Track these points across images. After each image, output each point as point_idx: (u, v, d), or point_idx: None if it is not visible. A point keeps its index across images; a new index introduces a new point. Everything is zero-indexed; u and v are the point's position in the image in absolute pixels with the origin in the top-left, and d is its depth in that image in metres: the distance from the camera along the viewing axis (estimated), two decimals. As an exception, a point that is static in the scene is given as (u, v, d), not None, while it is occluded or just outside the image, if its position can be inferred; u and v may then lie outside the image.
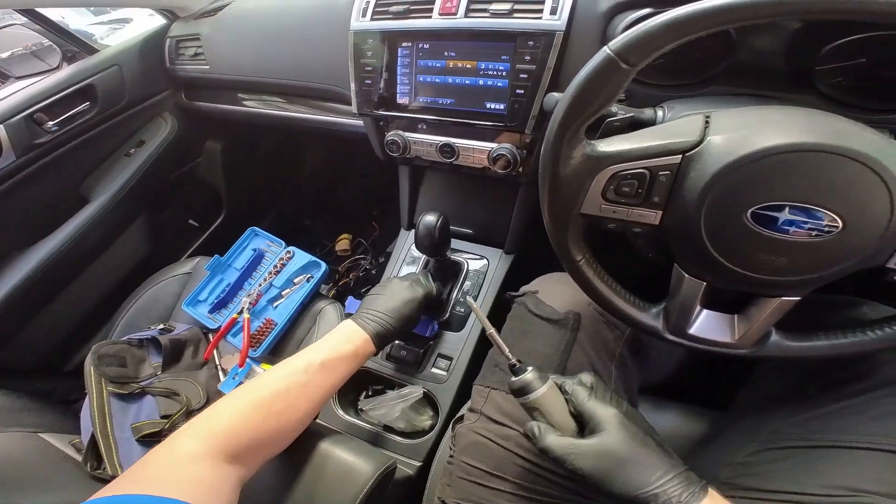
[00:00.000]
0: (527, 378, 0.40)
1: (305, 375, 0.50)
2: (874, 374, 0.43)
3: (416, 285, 0.66)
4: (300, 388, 0.49)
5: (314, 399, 0.50)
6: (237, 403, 0.46)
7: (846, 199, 0.33)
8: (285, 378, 0.49)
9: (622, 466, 0.36)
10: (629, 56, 0.33)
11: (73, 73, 0.95)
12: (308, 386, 0.50)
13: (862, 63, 0.42)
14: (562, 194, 0.40)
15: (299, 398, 0.49)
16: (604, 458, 0.36)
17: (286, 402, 0.48)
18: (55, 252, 0.94)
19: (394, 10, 0.65)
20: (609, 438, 0.37)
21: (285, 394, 0.48)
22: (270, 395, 0.47)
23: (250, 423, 0.45)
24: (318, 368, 0.51)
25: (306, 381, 0.50)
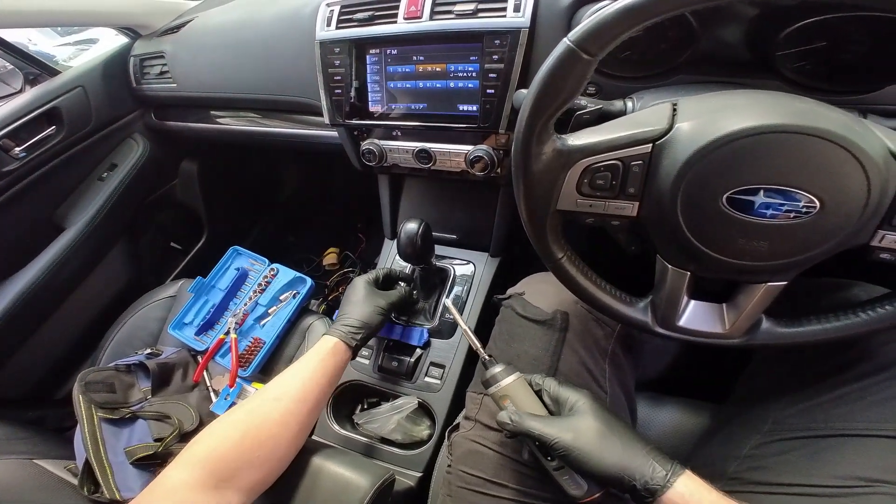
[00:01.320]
0: (495, 370, 0.43)
1: (284, 400, 0.49)
2: (872, 357, 0.43)
3: (374, 287, 0.67)
4: (282, 412, 0.48)
5: (301, 416, 0.49)
6: (221, 429, 0.45)
7: (821, 178, 0.33)
8: (267, 402, 0.49)
9: (600, 442, 0.37)
10: (589, 46, 0.33)
11: (36, 96, 0.92)
12: (290, 410, 0.49)
13: (822, 46, 0.42)
14: (536, 192, 0.40)
15: (285, 419, 0.48)
16: (582, 434, 0.38)
17: (271, 426, 0.47)
18: (34, 283, 0.92)
19: (358, 18, 0.64)
20: (586, 416, 0.39)
21: (267, 419, 0.47)
22: (255, 421, 0.47)
23: (236, 447, 0.44)
24: (300, 387, 0.51)
25: (285, 406, 0.49)
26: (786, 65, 0.44)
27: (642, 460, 0.37)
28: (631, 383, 0.55)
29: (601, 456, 0.37)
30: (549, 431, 0.38)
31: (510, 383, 0.42)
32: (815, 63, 0.43)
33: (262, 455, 0.45)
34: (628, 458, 0.37)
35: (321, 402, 0.53)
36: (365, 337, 0.60)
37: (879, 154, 0.32)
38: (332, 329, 0.59)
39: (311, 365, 0.53)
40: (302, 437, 0.50)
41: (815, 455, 0.41)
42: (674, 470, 0.36)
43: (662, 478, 0.36)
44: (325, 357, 0.55)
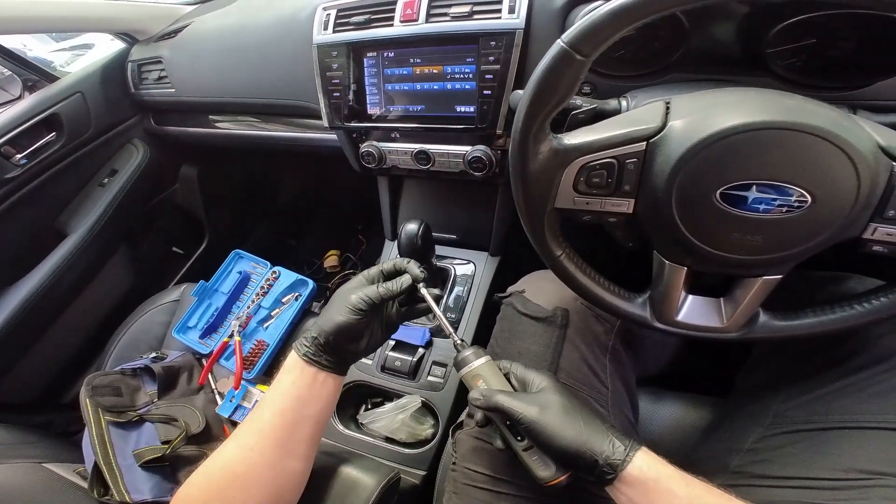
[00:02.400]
0: (466, 353, 0.44)
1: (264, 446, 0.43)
2: (871, 349, 0.43)
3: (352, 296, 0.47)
4: (265, 463, 0.42)
5: (298, 442, 0.44)
6: (198, 478, 0.42)
7: (811, 173, 0.33)
8: (248, 451, 0.43)
9: (563, 417, 0.38)
10: (582, 47, 0.34)
11: (35, 102, 0.93)
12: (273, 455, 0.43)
13: (812, 43, 0.43)
14: (534, 190, 0.40)
15: (254, 472, 0.42)
16: (546, 409, 0.38)
17: (243, 461, 0.42)
18: (37, 289, 0.93)
19: (355, 21, 0.64)
20: (550, 393, 0.40)
21: (249, 469, 0.42)
22: (226, 462, 0.43)
23: (214, 493, 0.41)
24: (278, 414, 0.44)
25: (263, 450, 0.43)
26: (776, 62, 0.45)
27: (602, 436, 0.37)
28: (632, 378, 0.55)
29: (564, 431, 0.37)
30: (516, 405, 0.39)
31: (481, 364, 0.43)
32: (806, 60, 0.44)
33: (237, 496, 0.41)
34: (588, 433, 0.37)
35: (293, 423, 0.44)
36: (329, 341, 0.44)
37: (868, 149, 0.33)
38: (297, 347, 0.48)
39: (269, 390, 0.46)
40: (285, 468, 0.44)
41: (817, 448, 0.41)
42: (632, 445, 0.37)
43: (622, 452, 0.36)
44: (281, 377, 0.45)
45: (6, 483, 0.60)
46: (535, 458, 0.40)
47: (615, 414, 0.50)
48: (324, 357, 0.45)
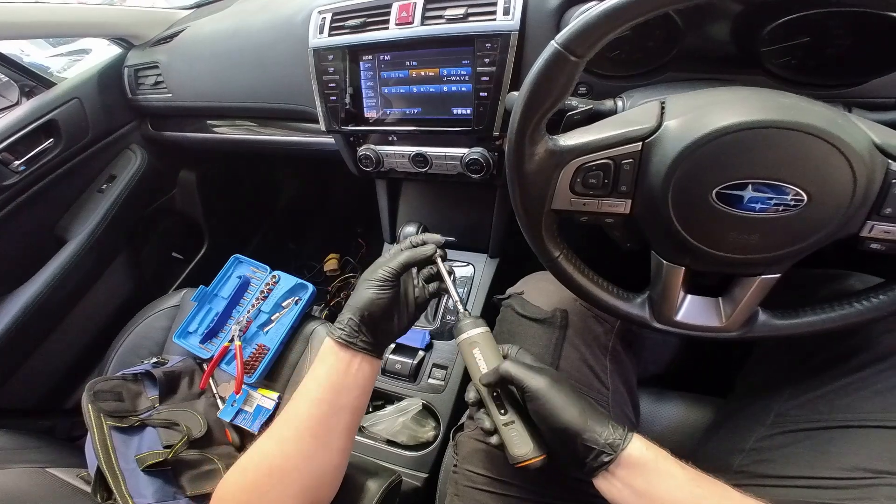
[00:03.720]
0: (467, 320, 0.45)
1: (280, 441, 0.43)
2: (872, 347, 0.43)
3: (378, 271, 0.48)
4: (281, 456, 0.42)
5: (335, 432, 0.43)
6: (235, 473, 0.41)
7: (807, 172, 0.33)
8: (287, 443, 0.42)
9: (568, 395, 0.38)
10: (575, 48, 0.34)
11: (33, 108, 0.93)
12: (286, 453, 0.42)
13: (806, 42, 0.43)
14: (530, 192, 0.40)
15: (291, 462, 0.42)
16: (553, 385, 0.39)
17: (279, 454, 0.42)
18: (38, 296, 0.93)
19: (350, 25, 0.64)
20: (554, 374, 0.40)
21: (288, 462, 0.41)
22: (262, 455, 0.42)
23: (250, 487, 0.40)
24: (315, 403, 0.43)
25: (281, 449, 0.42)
26: (771, 60, 0.45)
27: (603, 418, 0.38)
28: (633, 379, 0.55)
29: (569, 408, 0.37)
30: (525, 374, 0.39)
31: (479, 334, 0.44)
32: (800, 58, 0.44)
33: (271, 491, 0.40)
34: (590, 414, 0.38)
35: (328, 414, 0.43)
36: (364, 319, 0.44)
37: (864, 147, 0.33)
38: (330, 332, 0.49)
39: (306, 380, 0.45)
40: (321, 460, 0.43)
41: (820, 447, 0.41)
42: (628, 429, 0.38)
43: (622, 433, 0.37)
44: (316, 365, 0.45)
45: (10, 487, 0.60)
46: (514, 434, 0.40)
47: (616, 414, 0.50)
48: (359, 338, 0.44)
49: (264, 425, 0.78)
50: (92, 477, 0.66)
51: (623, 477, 0.36)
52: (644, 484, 0.36)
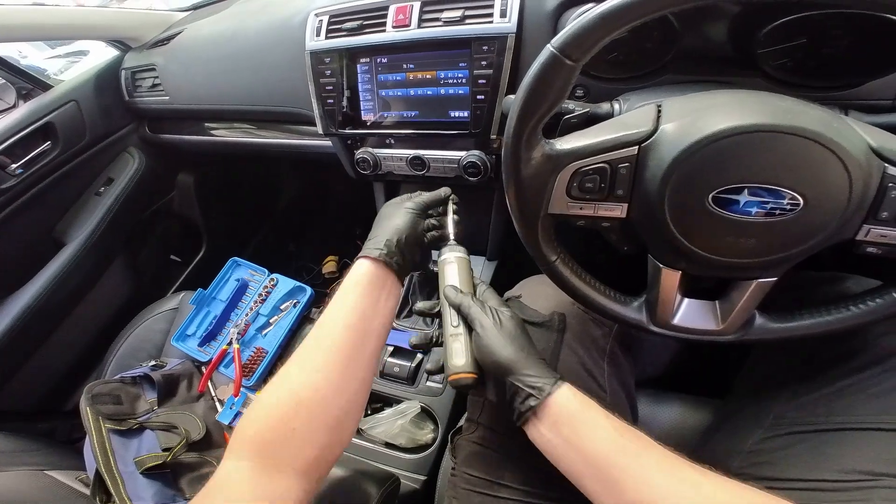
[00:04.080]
0: (451, 243, 0.49)
1: (339, 340, 0.42)
2: (869, 349, 0.43)
3: (404, 201, 0.54)
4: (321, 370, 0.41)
5: (344, 369, 0.42)
6: (260, 407, 0.40)
7: (803, 176, 0.33)
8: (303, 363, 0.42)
9: (513, 333, 0.40)
10: (571, 52, 0.34)
11: (30, 111, 0.93)
12: (343, 350, 0.41)
13: (803, 43, 0.43)
14: (527, 196, 0.40)
15: (328, 377, 0.41)
16: (502, 326, 0.41)
17: (311, 391, 0.40)
18: (36, 299, 0.93)
19: (347, 27, 0.64)
20: (508, 315, 0.42)
21: (306, 383, 0.40)
22: (292, 389, 0.40)
23: (278, 424, 0.38)
24: (345, 329, 0.43)
25: (340, 346, 0.42)
26: (768, 62, 0.45)
27: (539, 364, 0.39)
28: (631, 381, 0.55)
29: (506, 346, 0.39)
30: (476, 311, 0.42)
31: (456, 257, 0.47)
32: (797, 59, 0.44)
33: (299, 427, 0.38)
34: (528, 357, 0.39)
35: (359, 342, 0.43)
36: (398, 244, 0.47)
37: (860, 150, 0.33)
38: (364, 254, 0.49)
39: (332, 307, 0.45)
40: (349, 393, 0.42)
41: (819, 449, 0.41)
42: (559, 377, 0.38)
43: (552, 378, 0.38)
44: (346, 291, 0.45)
45: (9, 490, 0.60)
46: (457, 346, 0.42)
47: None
48: (395, 259, 0.46)
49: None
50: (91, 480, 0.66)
51: (551, 426, 0.37)
52: (571, 433, 0.36)
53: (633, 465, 0.34)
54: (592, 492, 0.36)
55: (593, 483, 0.36)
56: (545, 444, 0.38)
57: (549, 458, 0.38)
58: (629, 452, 0.35)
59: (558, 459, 0.38)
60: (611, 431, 0.36)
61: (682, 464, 0.34)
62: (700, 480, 0.33)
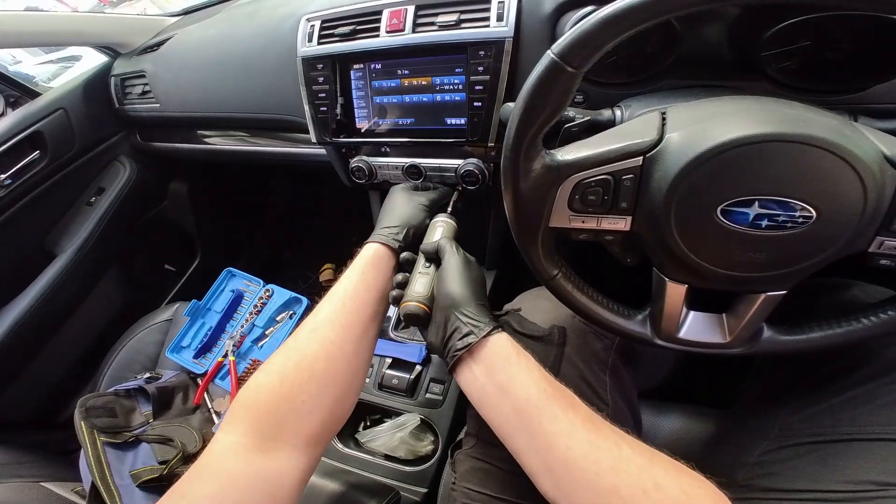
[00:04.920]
0: (443, 214, 0.55)
1: (321, 329, 0.43)
2: (876, 359, 0.42)
3: (412, 191, 0.62)
4: (323, 343, 0.41)
5: (348, 343, 0.43)
6: (258, 379, 0.39)
7: (816, 187, 0.32)
8: (304, 337, 0.42)
9: (469, 285, 0.42)
10: (572, 58, 0.32)
11: (17, 120, 0.91)
12: (330, 339, 0.42)
13: (807, 46, 0.41)
14: (526, 209, 0.39)
15: (328, 351, 0.41)
16: (464, 271, 0.44)
17: (311, 362, 0.40)
18: (28, 311, 0.91)
19: (340, 33, 0.63)
20: (475, 267, 0.45)
21: (306, 355, 0.40)
22: (292, 361, 0.40)
23: (275, 396, 0.38)
24: (340, 309, 0.44)
25: (323, 335, 0.42)
26: (771, 65, 0.43)
27: (485, 309, 0.41)
28: (633, 394, 0.54)
29: (460, 283, 0.42)
30: (450, 250, 0.45)
31: (445, 222, 0.53)
32: (801, 63, 0.43)
33: (308, 400, 0.38)
34: (478, 299, 0.41)
35: (372, 320, 0.46)
36: (409, 236, 0.52)
37: (873, 159, 0.31)
38: (372, 236, 0.53)
39: (350, 282, 0.46)
40: (356, 367, 0.43)
41: (825, 460, 0.41)
42: (497, 326, 0.40)
43: (493, 323, 0.39)
44: (365, 269, 0.48)
45: (5, 502, 0.60)
46: (422, 280, 0.45)
47: None
48: (401, 246, 0.51)
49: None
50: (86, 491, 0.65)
51: (486, 369, 0.38)
52: (505, 378, 0.37)
53: (561, 417, 0.35)
54: (518, 448, 0.36)
55: (520, 435, 0.36)
56: (478, 390, 0.38)
57: (477, 407, 0.39)
58: (559, 404, 0.35)
59: (489, 408, 0.38)
60: (542, 382, 0.37)
61: (604, 424, 0.35)
62: (620, 442, 0.34)
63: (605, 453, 0.33)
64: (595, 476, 0.32)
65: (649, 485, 0.31)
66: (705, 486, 0.32)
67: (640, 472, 0.32)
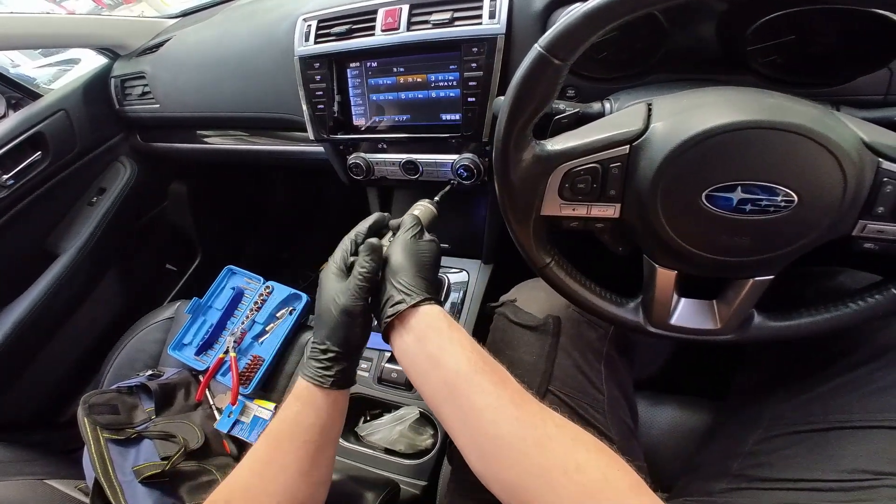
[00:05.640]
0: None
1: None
2: (864, 345, 0.43)
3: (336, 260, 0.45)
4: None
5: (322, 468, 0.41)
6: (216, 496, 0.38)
7: (796, 172, 0.33)
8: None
9: (417, 259, 0.42)
10: (558, 51, 0.33)
11: (19, 121, 0.92)
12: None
13: (791, 40, 0.42)
14: (518, 199, 0.40)
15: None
16: (417, 247, 0.44)
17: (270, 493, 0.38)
18: (30, 311, 0.92)
19: (336, 32, 0.64)
20: (431, 243, 0.46)
21: None
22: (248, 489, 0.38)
23: None
24: (282, 448, 0.40)
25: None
26: (757, 59, 0.44)
27: (422, 281, 0.41)
28: (628, 383, 0.54)
29: (408, 254, 0.42)
30: (409, 223, 0.46)
31: (422, 207, 0.53)
32: (786, 57, 0.44)
33: None
34: (418, 272, 0.41)
35: (320, 452, 0.40)
36: (346, 362, 0.41)
37: (852, 145, 0.32)
38: (303, 366, 0.43)
39: (285, 423, 0.41)
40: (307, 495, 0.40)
41: (818, 449, 0.41)
42: (431, 298, 0.40)
43: (427, 294, 0.40)
44: (301, 409, 0.41)
45: (9, 500, 0.60)
46: (388, 245, 0.45)
47: (613, 420, 0.49)
48: (336, 372, 0.41)
49: (261, 437, 0.77)
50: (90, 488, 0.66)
51: (418, 338, 0.38)
52: (435, 349, 0.37)
53: (490, 392, 0.34)
54: (448, 422, 0.36)
55: (449, 407, 0.36)
56: (409, 359, 0.38)
57: (410, 377, 0.39)
58: (489, 378, 0.35)
59: (420, 379, 0.38)
60: (473, 355, 0.36)
61: (532, 401, 0.35)
62: (547, 419, 0.34)
63: (530, 430, 0.33)
64: (519, 454, 0.32)
65: (571, 466, 0.31)
66: (624, 470, 0.31)
67: (564, 452, 0.32)
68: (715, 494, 0.44)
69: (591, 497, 0.29)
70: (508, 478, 0.32)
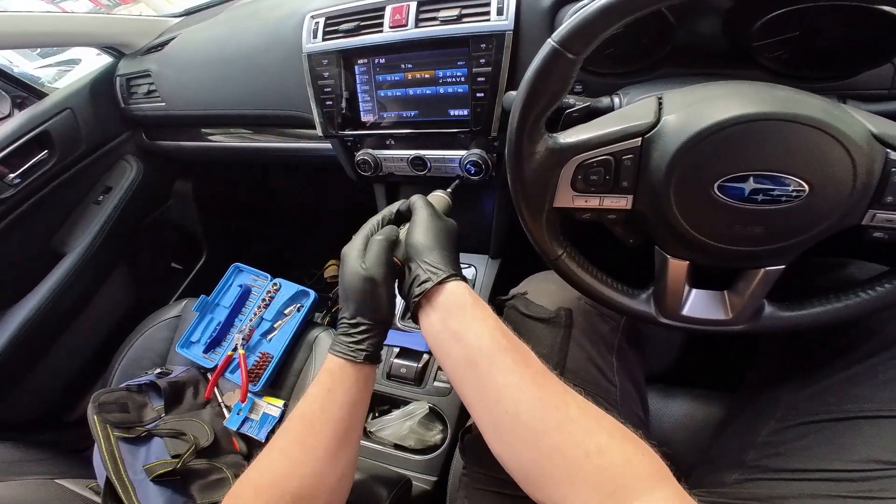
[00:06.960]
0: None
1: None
2: (876, 335, 0.43)
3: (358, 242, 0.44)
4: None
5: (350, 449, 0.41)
6: (240, 488, 0.38)
7: (807, 163, 0.33)
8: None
9: (441, 238, 0.43)
10: (572, 45, 0.34)
11: (25, 119, 0.92)
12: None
13: (797, 36, 0.43)
14: (532, 191, 0.40)
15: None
16: (438, 224, 0.44)
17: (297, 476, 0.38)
18: (37, 310, 0.92)
19: (344, 28, 0.64)
20: (449, 223, 0.46)
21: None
22: (276, 475, 0.38)
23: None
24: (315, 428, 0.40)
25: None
26: (763, 54, 0.45)
27: (446, 257, 0.41)
28: (640, 376, 0.55)
29: (429, 233, 0.42)
30: (423, 203, 0.46)
31: (442, 195, 0.54)
32: (792, 52, 0.44)
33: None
34: (441, 249, 0.41)
35: (341, 436, 0.40)
36: (376, 335, 0.42)
37: (861, 136, 0.33)
38: (333, 343, 0.44)
39: (317, 401, 0.41)
40: (334, 481, 0.40)
41: (833, 439, 0.41)
42: (456, 274, 0.40)
43: (452, 271, 0.40)
44: (333, 386, 0.41)
45: (20, 499, 0.60)
46: (405, 228, 0.46)
47: (625, 412, 0.49)
48: (368, 347, 0.41)
49: (270, 433, 0.77)
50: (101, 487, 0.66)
51: (443, 316, 0.38)
52: (459, 326, 0.37)
53: (512, 370, 0.34)
54: (468, 398, 0.36)
55: (471, 384, 0.36)
56: (433, 336, 0.39)
57: (435, 354, 0.40)
58: (511, 357, 0.35)
59: (443, 355, 0.38)
60: (497, 333, 0.36)
61: (555, 381, 0.35)
62: (569, 401, 0.33)
63: (552, 411, 0.32)
64: (540, 434, 0.31)
65: (592, 448, 0.30)
66: (649, 456, 0.31)
67: (584, 435, 0.31)
68: (729, 486, 0.44)
69: (610, 480, 0.30)
70: (527, 458, 0.32)
